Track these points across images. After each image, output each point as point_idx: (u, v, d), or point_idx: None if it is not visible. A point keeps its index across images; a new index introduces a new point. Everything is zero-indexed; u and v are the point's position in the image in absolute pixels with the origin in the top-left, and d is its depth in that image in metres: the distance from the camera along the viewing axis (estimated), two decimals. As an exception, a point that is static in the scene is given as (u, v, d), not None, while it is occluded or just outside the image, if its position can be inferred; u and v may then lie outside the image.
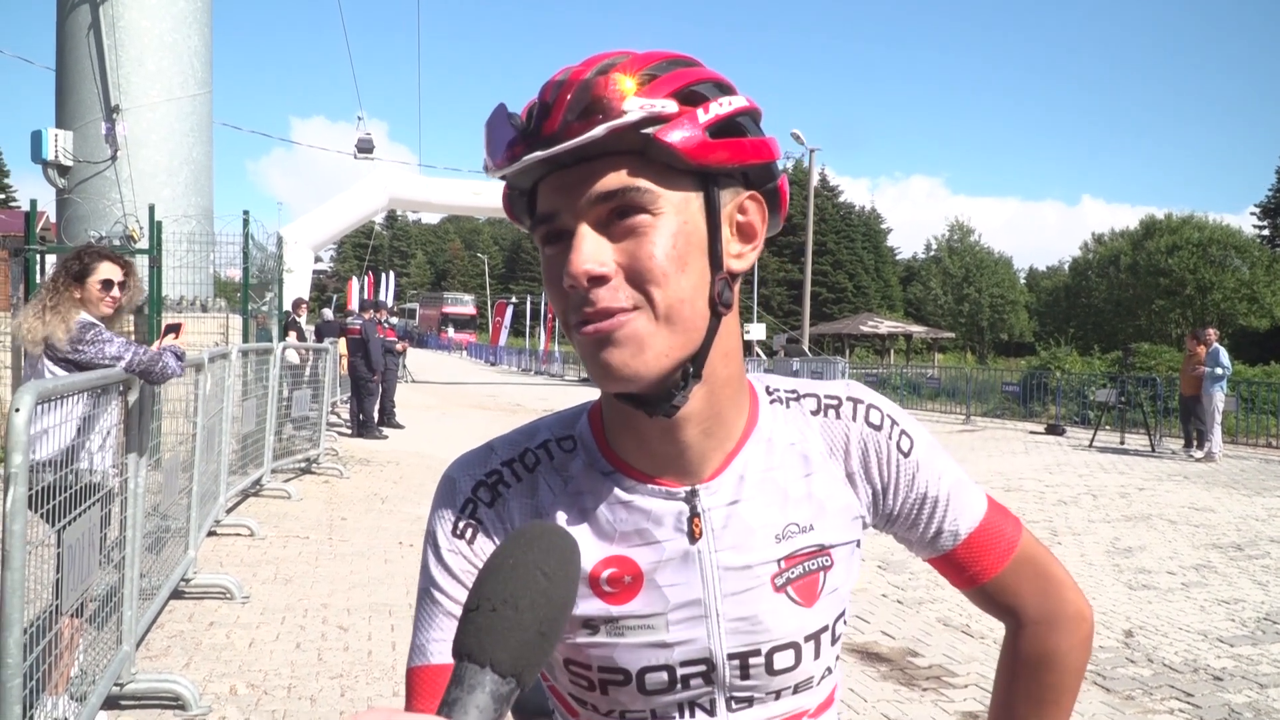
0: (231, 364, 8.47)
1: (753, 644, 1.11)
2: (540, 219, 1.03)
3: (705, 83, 1.01)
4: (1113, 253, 72.05)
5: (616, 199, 0.98)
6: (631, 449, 1.12)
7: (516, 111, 1.01)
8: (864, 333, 53.72)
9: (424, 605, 1.11)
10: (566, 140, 0.95)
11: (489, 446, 1.18)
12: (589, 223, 0.99)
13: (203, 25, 12.67)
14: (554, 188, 1.01)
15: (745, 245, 1.08)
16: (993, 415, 23.19)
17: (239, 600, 6.32)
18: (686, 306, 1.00)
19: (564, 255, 0.99)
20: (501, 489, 1.13)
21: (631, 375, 0.99)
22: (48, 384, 3.22)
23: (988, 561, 1.23)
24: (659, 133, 0.96)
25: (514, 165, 0.98)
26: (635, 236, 0.99)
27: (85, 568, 3.91)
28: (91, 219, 11.74)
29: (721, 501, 1.11)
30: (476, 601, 0.77)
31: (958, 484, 1.22)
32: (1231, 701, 5.10)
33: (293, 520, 9.06)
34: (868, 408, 1.19)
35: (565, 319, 1.02)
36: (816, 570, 1.14)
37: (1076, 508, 10.94)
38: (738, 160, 1.02)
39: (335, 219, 25.66)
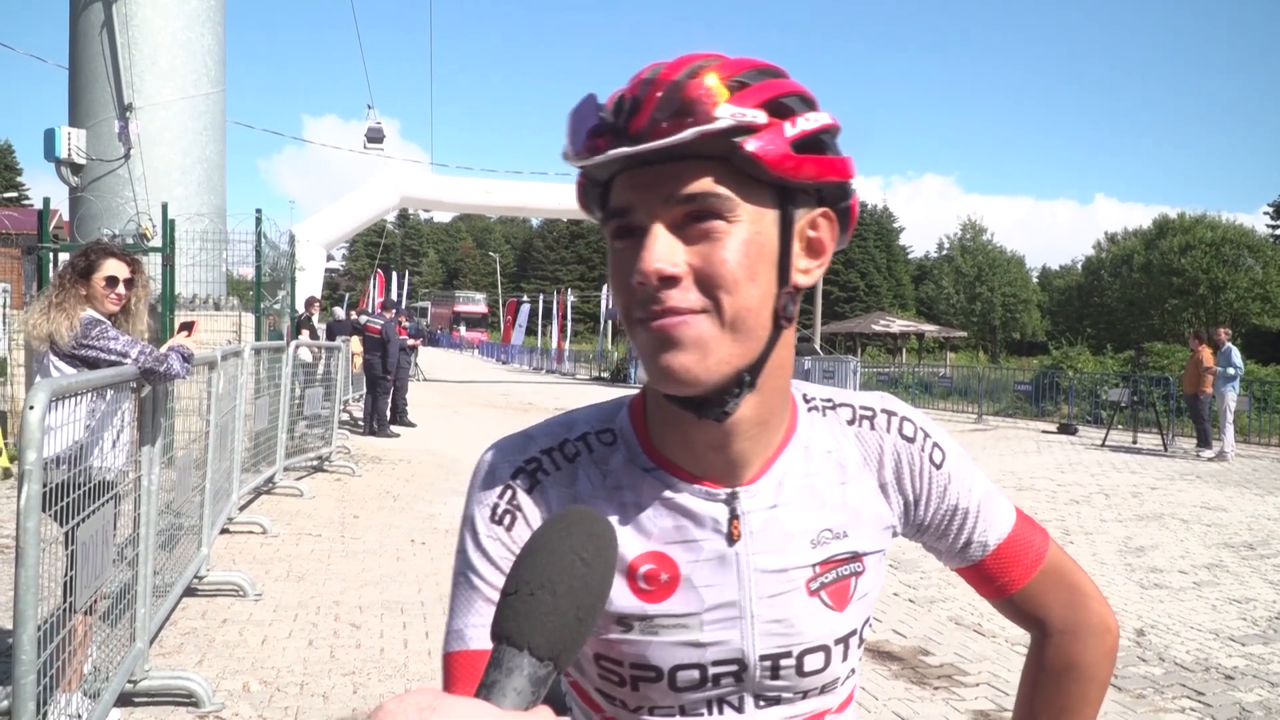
0: (244, 362, 8.49)
1: (785, 646, 1.12)
2: (613, 213, 1.03)
3: (793, 95, 1.01)
4: (1126, 252, 71.88)
5: (695, 202, 0.98)
6: (675, 447, 1.12)
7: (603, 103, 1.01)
8: (876, 331, 53.55)
9: (461, 590, 1.11)
10: (654, 139, 0.94)
11: (527, 434, 1.17)
12: (664, 222, 0.99)
13: (216, 24, 12.72)
14: (631, 184, 1.01)
15: (813, 261, 1.08)
16: (1005, 414, 23.16)
17: (252, 598, 6.35)
18: (752, 316, 1.01)
19: (634, 251, 1.00)
20: (541, 476, 1.13)
21: (692, 380, 0.99)
22: (62, 382, 3.24)
23: (1016, 572, 1.23)
24: (746, 143, 0.96)
25: (597, 158, 0.98)
26: (709, 241, 0.99)
27: (99, 565, 3.92)
28: (105, 217, 11.80)
29: (761, 505, 1.11)
30: (515, 585, 0.77)
31: (987, 495, 1.23)
32: (1243, 700, 5.08)
33: (305, 518, 9.09)
34: (901, 420, 1.21)
35: (628, 314, 1.02)
36: (849, 576, 1.15)
37: (1089, 507, 10.92)
38: (817, 177, 1.02)
39: (347, 217, 25.73)
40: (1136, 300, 67.19)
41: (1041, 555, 1.24)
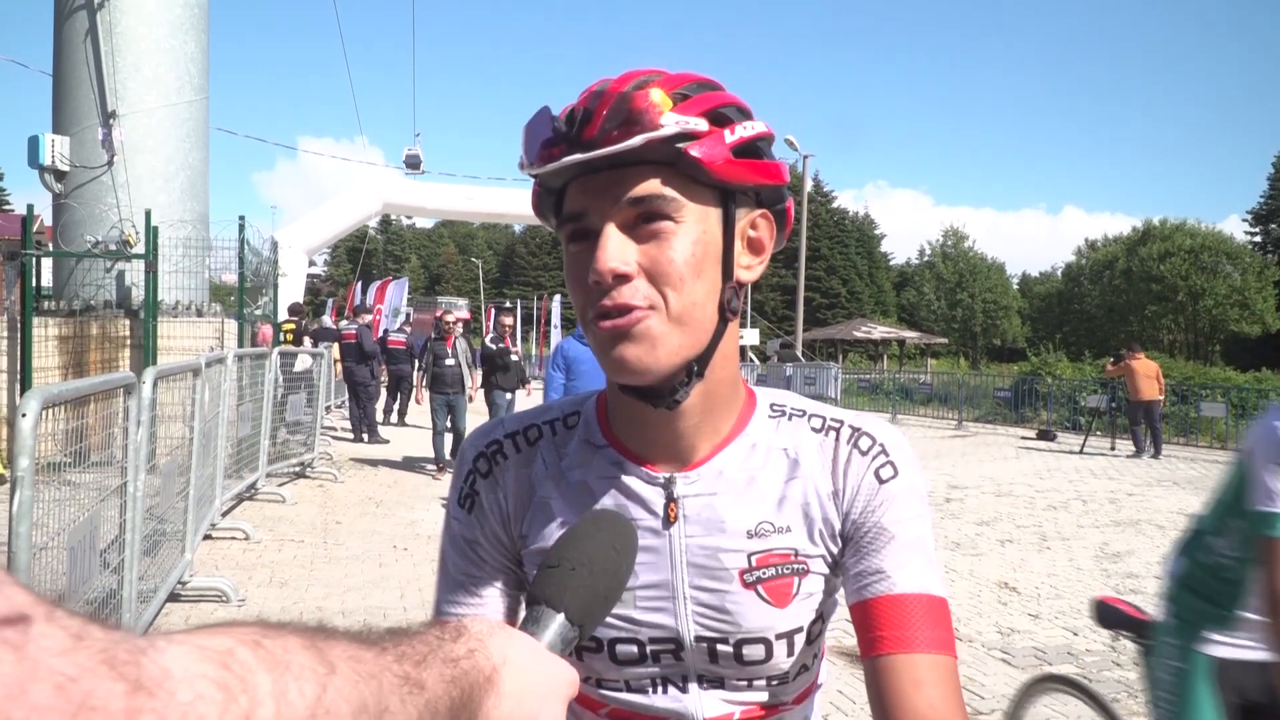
0: (228, 369, 8.51)
1: (721, 632, 1.17)
2: (568, 218, 1.09)
3: (730, 106, 1.09)
4: (1106, 259, 72.31)
5: (644, 204, 1.05)
6: (627, 430, 1.20)
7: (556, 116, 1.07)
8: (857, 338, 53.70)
9: (439, 571, 1.24)
10: (605, 146, 1.01)
11: (500, 420, 1.29)
12: (615, 224, 1.05)
13: (199, 31, 12.73)
14: (584, 189, 1.07)
15: (754, 258, 1.16)
16: (984, 420, 23.32)
17: (234, 603, 6.37)
18: (698, 309, 1.08)
19: (589, 253, 1.06)
20: (499, 459, 1.24)
21: (643, 370, 1.06)
22: (54, 389, 3.28)
23: (899, 635, 1.09)
24: (690, 148, 1.04)
25: (552, 165, 1.04)
26: (658, 240, 1.05)
27: (85, 570, 3.96)
28: (88, 224, 11.81)
29: (697, 491, 1.17)
30: (558, 560, 0.91)
31: (919, 544, 1.16)
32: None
33: (287, 524, 9.11)
34: (862, 434, 1.22)
35: (584, 313, 1.09)
36: (790, 575, 1.17)
37: (1066, 513, 11.02)
38: (755, 180, 1.10)
39: (329, 223, 25.70)
40: (1116, 307, 67.62)
41: (932, 648, 1.09)
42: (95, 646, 0.44)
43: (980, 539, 9.40)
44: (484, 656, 0.74)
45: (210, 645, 0.51)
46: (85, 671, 0.43)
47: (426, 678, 0.67)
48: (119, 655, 0.45)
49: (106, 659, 0.44)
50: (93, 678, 0.43)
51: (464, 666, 0.72)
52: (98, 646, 0.44)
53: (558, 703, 0.81)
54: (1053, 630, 6.42)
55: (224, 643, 0.52)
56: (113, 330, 11.70)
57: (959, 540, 9.29)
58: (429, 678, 0.67)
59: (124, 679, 0.44)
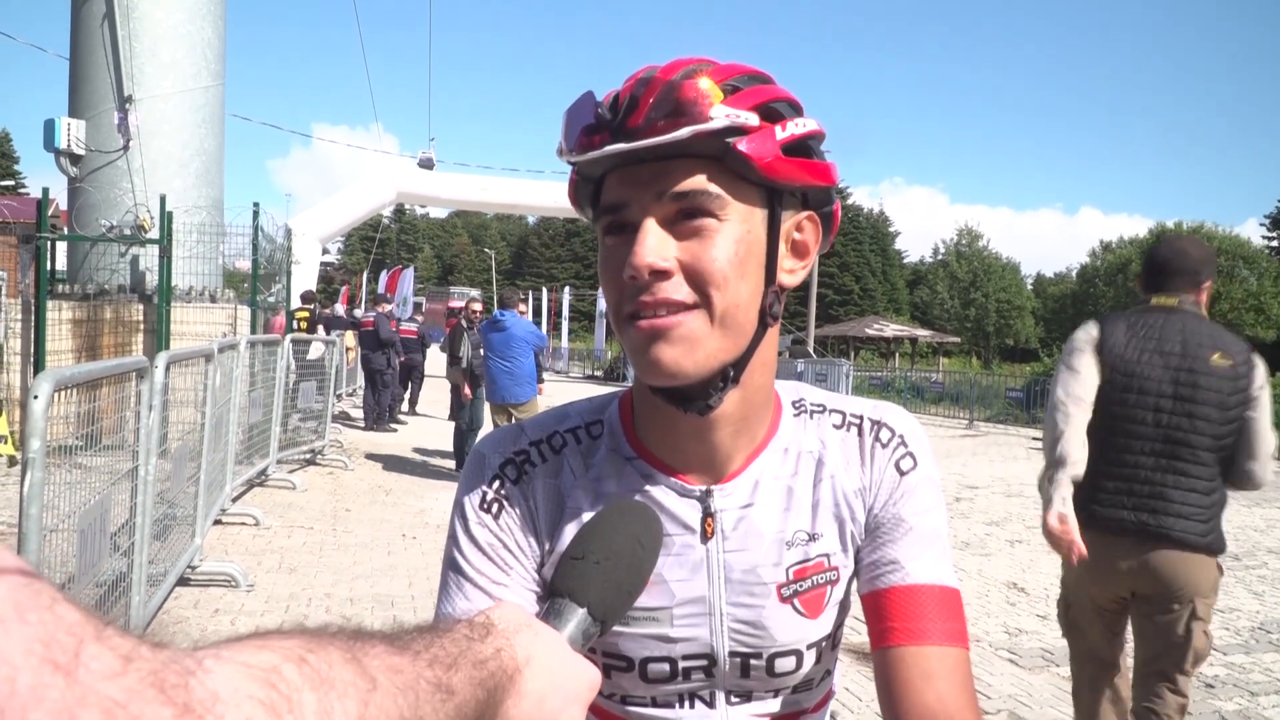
0: (240, 355, 8.53)
1: (755, 647, 1.14)
2: (605, 209, 1.05)
3: (782, 101, 1.05)
4: (1121, 260, 71.97)
5: (687, 200, 1.00)
6: (657, 440, 1.15)
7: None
8: (869, 335, 53.58)
9: (450, 576, 1.14)
10: (650, 136, 0.97)
11: (519, 426, 1.21)
12: (656, 218, 1.01)
13: (216, 17, 12.74)
14: (624, 181, 1.03)
15: (798, 262, 1.11)
16: (996, 421, 23.22)
17: (243, 588, 6.39)
18: (740, 312, 1.03)
19: (625, 247, 1.02)
20: (528, 468, 1.16)
21: (679, 372, 1.01)
22: (66, 371, 3.29)
23: (910, 626, 1.10)
24: (739, 143, 0.99)
25: (592, 153, 1.00)
26: (699, 238, 1.01)
27: (95, 553, 3.97)
28: (103, 208, 11.83)
29: (735, 504, 1.13)
30: (582, 552, 0.88)
31: (935, 535, 1.16)
32: (1223, 709, 5.14)
33: (297, 510, 9.13)
34: (882, 426, 1.20)
35: (618, 309, 1.04)
36: (824, 585, 1.16)
37: (1076, 514, 10.97)
38: (804, 180, 1.05)
39: (343, 212, 25.70)
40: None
41: (944, 640, 1.09)
42: (145, 669, 0.44)
43: (990, 539, 9.38)
44: (509, 655, 0.74)
45: (257, 663, 0.51)
46: (134, 696, 0.43)
47: (456, 682, 0.66)
48: (168, 678, 0.45)
49: (156, 682, 0.44)
50: (141, 702, 0.43)
51: (490, 668, 0.71)
52: (147, 669, 0.44)
53: (578, 705, 0.80)
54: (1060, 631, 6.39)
55: (270, 659, 0.52)
56: (126, 315, 11.73)
57: (968, 540, 9.26)
58: (458, 681, 0.67)
59: (173, 703, 0.44)
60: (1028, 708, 5.04)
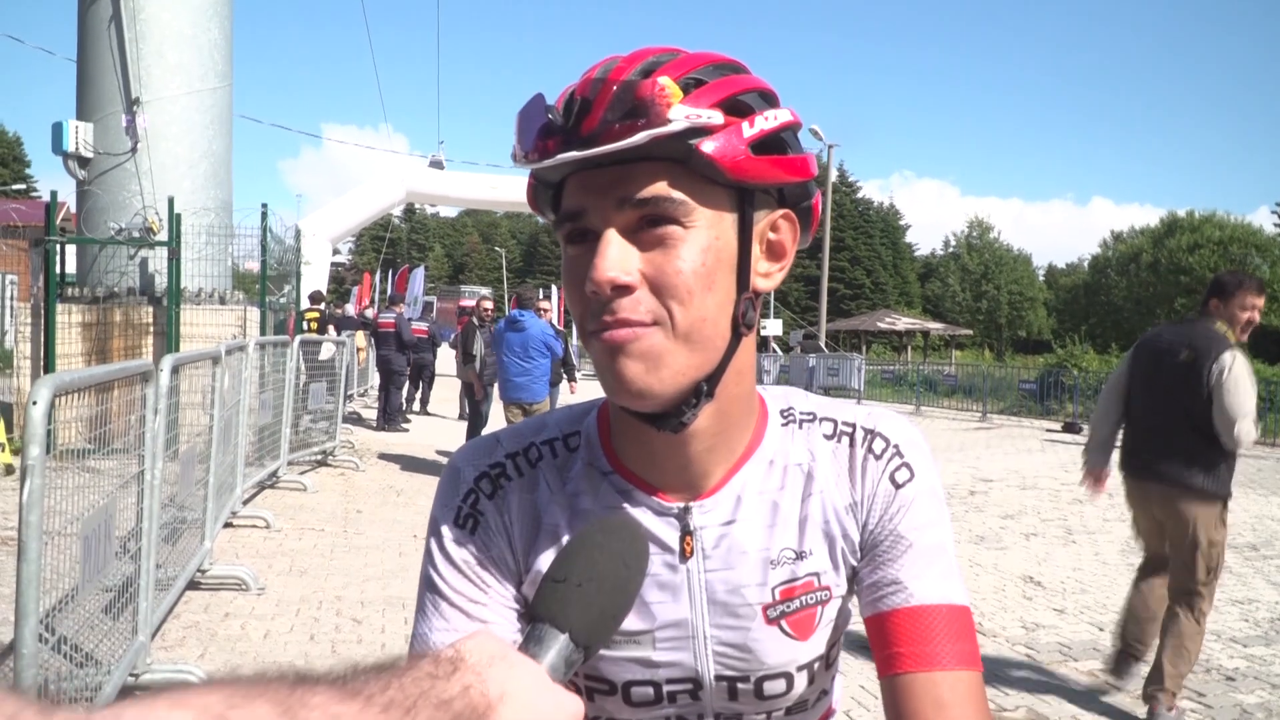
0: (249, 356, 8.51)
1: (742, 671, 1.09)
2: (566, 216, 0.98)
3: (751, 92, 0.97)
4: (1133, 250, 71.70)
5: (650, 207, 0.93)
6: (632, 455, 1.09)
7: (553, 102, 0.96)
8: (881, 329, 53.62)
9: (426, 594, 1.09)
10: (606, 142, 0.90)
11: (495, 438, 1.16)
12: (617, 227, 0.94)
13: (223, 18, 12.72)
14: (583, 186, 0.96)
15: (774, 264, 1.04)
16: (1009, 413, 23.12)
17: (254, 591, 6.37)
18: (708, 325, 0.97)
19: (588, 257, 0.95)
20: (503, 481, 1.11)
21: (645, 390, 0.95)
22: (66, 377, 3.26)
23: (919, 651, 1.02)
24: (702, 145, 0.92)
25: (547, 161, 0.93)
26: (664, 248, 0.94)
27: (101, 558, 3.94)
28: (111, 211, 11.83)
29: (715, 521, 1.07)
30: (564, 574, 0.82)
31: (939, 551, 1.07)
32: (1244, 702, 5.08)
33: (308, 512, 9.11)
34: (875, 435, 1.12)
35: (582, 324, 0.99)
36: (814, 605, 1.09)
37: (1091, 506, 10.89)
38: (777, 178, 0.98)
39: (353, 212, 25.73)
40: (1144, 299, 67.02)
41: (955, 664, 1.01)
42: None
43: (1005, 533, 9.31)
44: (479, 693, 0.67)
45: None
46: None
47: None
48: None
49: None
50: None
51: (456, 708, 0.65)
52: None
53: None
54: (1078, 625, 6.34)
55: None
56: (136, 317, 11.73)
57: (983, 534, 9.20)
58: None
59: None
60: (1046, 704, 4.99)
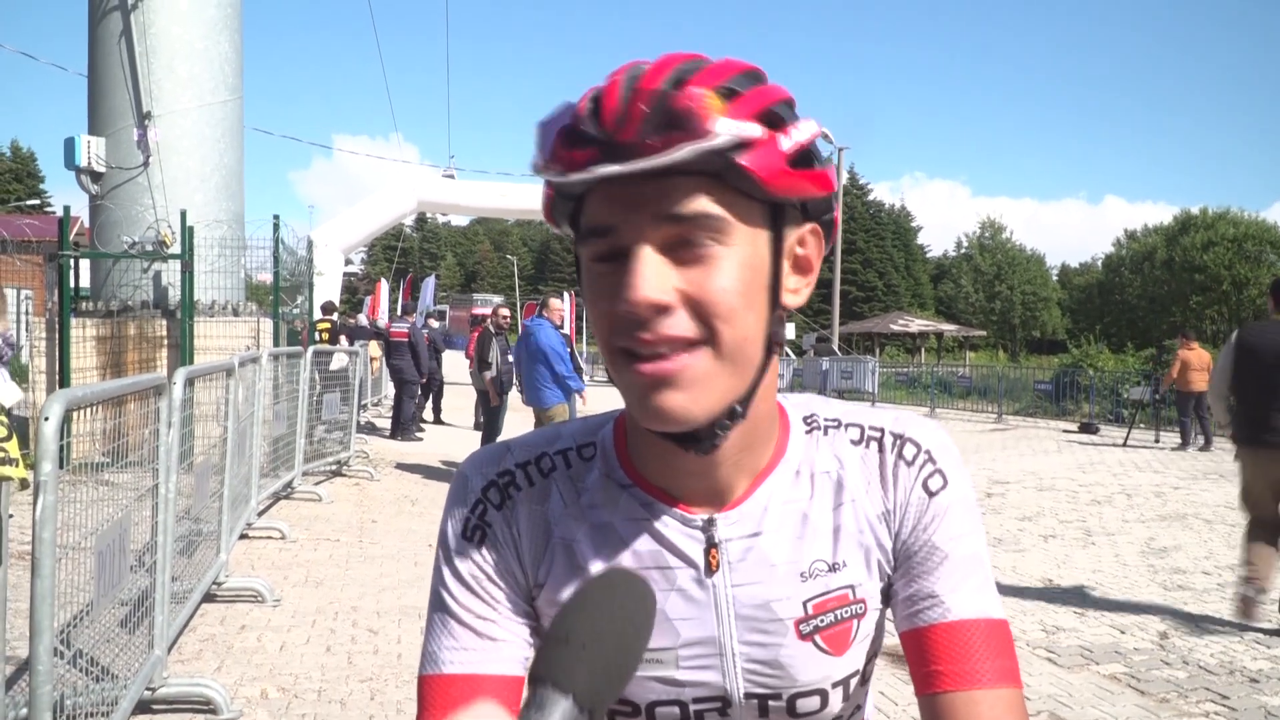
0: (262, 368, 8.52)
1: (774, 689, 1.05)
2: (592, 231, 0.93)
3: (782, 103, 0.93)
4: (1147, 249, 71.46)
5: (688, 223, 0.89)
6: (653, 466, 1.05)
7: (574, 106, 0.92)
8: (894, 331, 53.50)
9: (435, 611, 1.07)
10: (644, 155, 0.85)
11: (506, 445, 1.12)
12: (652, 244, 0.90)
13: (233, 31, 12.77)
14: (614, 200, 0.91)
15: (802, 279, 1.01)
16: (1025, 414, 23.05)
17: (270, 603, 6.36)
18: (750, 345, 0.93)
19: (617, 275, 0.90)
20: (512, 491, 1.08)
21: (688, 420, 0.92)
22: (78, 392, 3.25)
23: (958, 669, 0.99)
24: (741, 159, 0.88)
25: (579, 174, 0.88)
26: (702, 265, 0.90)
27: (116, 572, 3.93)
28: (124, 225, 11.88)
29: (741, 533, 1.04)
30: (567, 634, 0.78)
31: (975, 562, 1.05)
32: (1268, 704, 5.03)
33: (324, 523, 9.11)
34: (906, 440, 1.09)
35: (608, 344, 0.94)
36: (849, 619, 1.06)
37: (1110, 507, 10.84)
38: (809, 192, 0.95)
39: (365, 222, 25.80)
40: (1158, 297, 66.83)
41: (996, 682, 0.98)
42: None
43: (1023, 535, 9.26)
44: None
45: None
46: None
47: None
48: None
49: None
50: None
51: None
52: None
53: None
54: (1099, 628, 6.29)
55: None
56: (150, 330, 11.77)
57: (1001, 536, 9.15)
58: None
59: None
60: (1068, 708, 4.94)
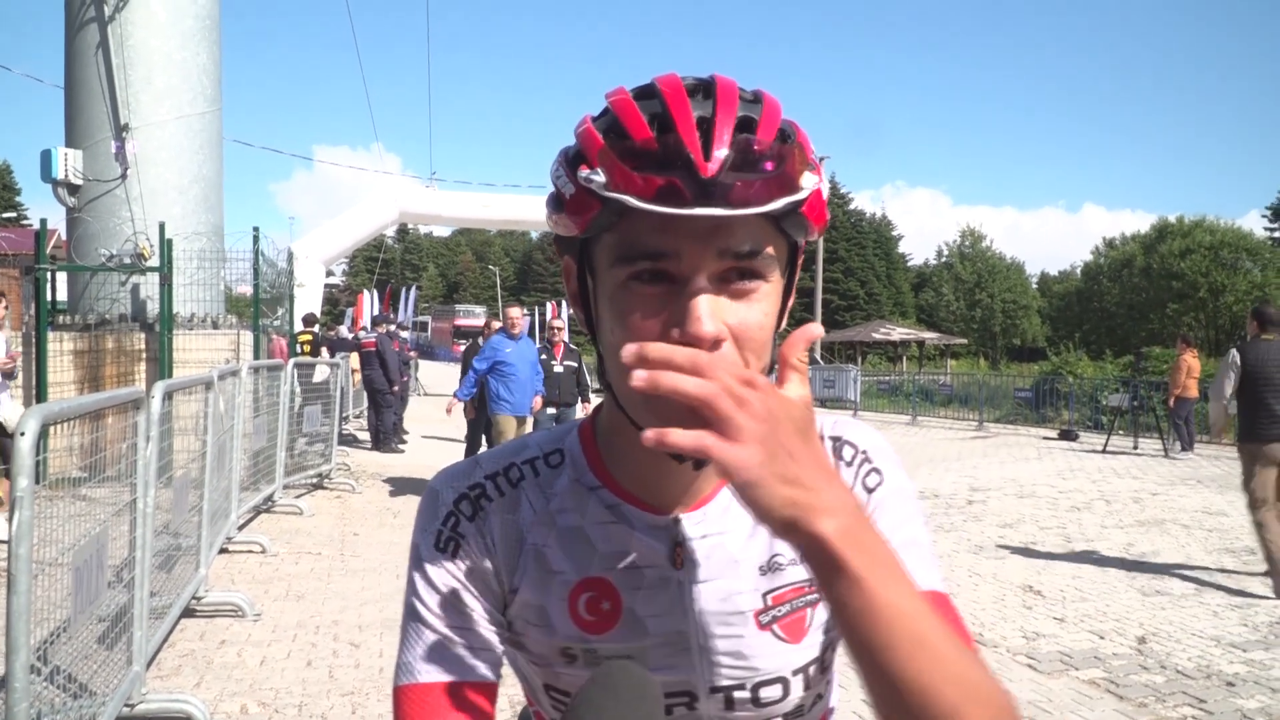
0: (242, 381, 8.49)
1: (738, 679, 1.08)
2: (643, 254, 0.93)
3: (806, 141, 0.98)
4: (1125, 257, 71.93)
5: (746, 260, 0.92)
6: (621, 470, 1.09)
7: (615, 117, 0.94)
8: (876, 340, 53.54)
9: (409, 622, 1.09)
10: (737, 197, 0.87)
11: (475, 460, 1.15)
12: (709, 277, 0.91)
13: (211, 43, 12.74)
14: (675, 228, 0.90)
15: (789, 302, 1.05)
16: (1005, 421, 23.15)
17: (250, 618, 6.33)
18: (764, 372, 0.96)
19: (665, 298, 0.92)
20: (484, 503, 1.10)
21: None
22: (55, 406, 3.24)
23: None
24: (804, 206, 0.92)
25: (674, 209, 0.87)
26: (747, 300, 0.93)
27: (94, 588, 3.92)
28: (102, 237, 11.83)
29: (705, 531, 1.08)
30: None
31: (913, 544, 1.09)
32: (1244, 707, 5.06)
33: (305, 536, 9.07)
34: (843, 443, 1.14)
35: None
36: (804, 607, 1.10)
37: (1090, 513, 10.90)
38: (823, 228, 0.99)
39: (346, 233, 25.77)
40: (1136, 305, 67.27)
41: None
42: None
43: (1003, 542, 9.29)
44: None
45: None
46: None
47: None
48: None
49: None
50: None
51: None
52: None
53: None
54: (1078, 634, 6.32)
55: None
56: (128, 344, 11.71)
57: (981, 544, 9.18)
58: None
59: None
60: (1047, 713, 4.96)
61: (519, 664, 1.16)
